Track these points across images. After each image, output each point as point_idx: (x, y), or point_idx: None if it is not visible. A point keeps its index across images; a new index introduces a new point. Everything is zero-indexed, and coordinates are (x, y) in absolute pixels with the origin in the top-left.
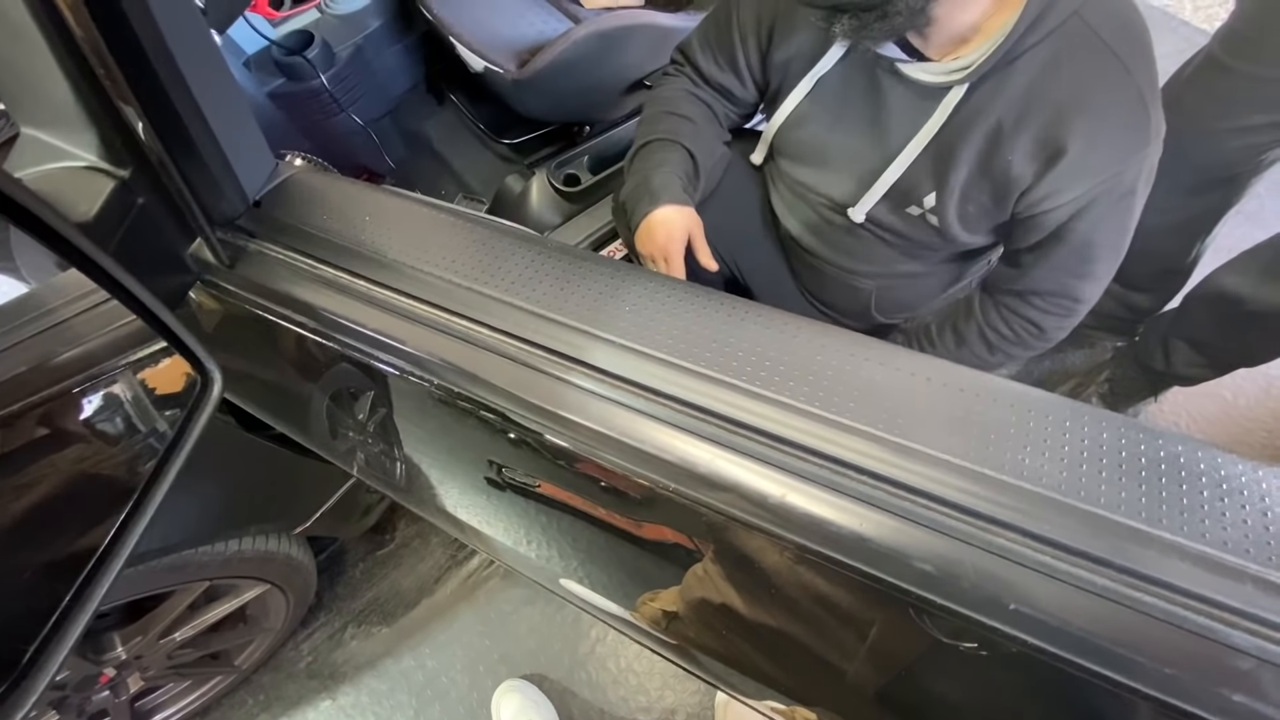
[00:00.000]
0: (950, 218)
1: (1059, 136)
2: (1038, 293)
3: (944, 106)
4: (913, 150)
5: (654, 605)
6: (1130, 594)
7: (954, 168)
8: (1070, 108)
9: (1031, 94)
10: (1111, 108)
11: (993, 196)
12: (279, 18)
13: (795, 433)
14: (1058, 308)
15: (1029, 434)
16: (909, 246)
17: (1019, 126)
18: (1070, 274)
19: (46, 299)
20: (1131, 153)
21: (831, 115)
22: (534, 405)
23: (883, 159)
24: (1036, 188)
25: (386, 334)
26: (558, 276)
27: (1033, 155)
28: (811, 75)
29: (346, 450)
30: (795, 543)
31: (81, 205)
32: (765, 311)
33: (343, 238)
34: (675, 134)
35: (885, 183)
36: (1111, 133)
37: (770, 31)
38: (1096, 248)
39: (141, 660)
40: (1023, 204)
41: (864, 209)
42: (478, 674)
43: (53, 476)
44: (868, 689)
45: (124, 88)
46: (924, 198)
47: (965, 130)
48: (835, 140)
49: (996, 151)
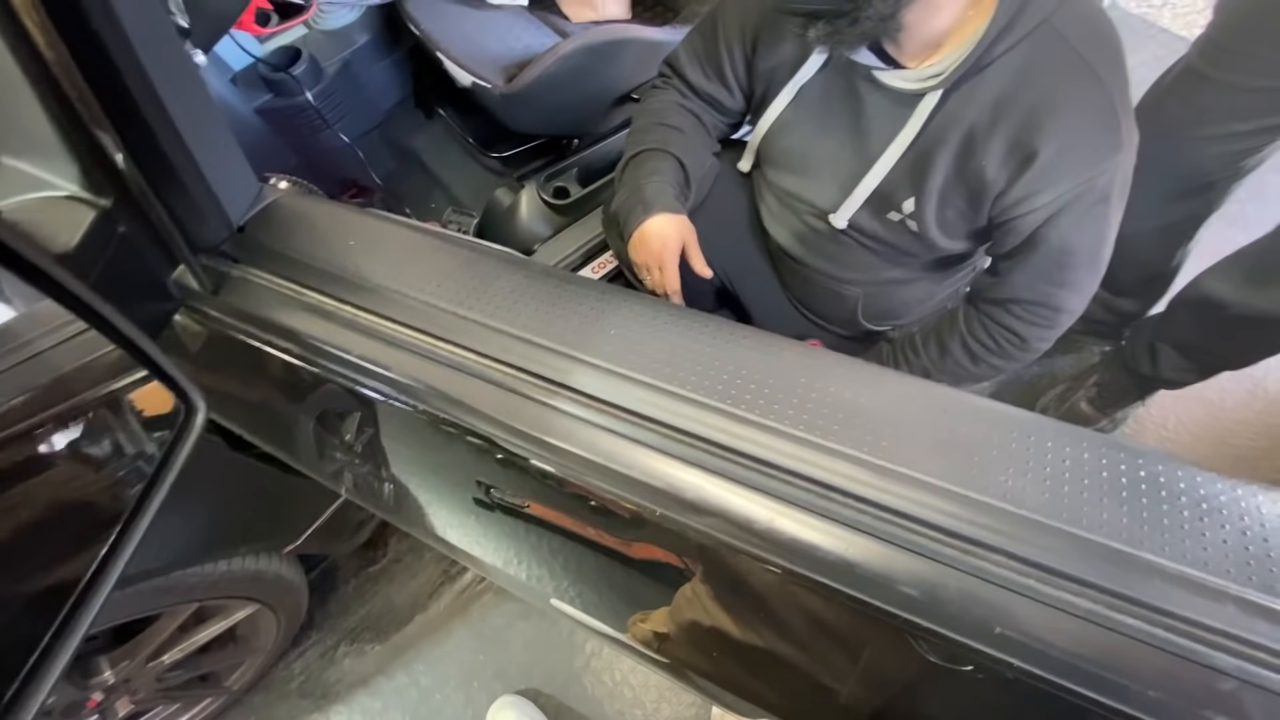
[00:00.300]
0: (929, 222)
1: (1030, 140)
2: (1017, 301)
3: (919, 112)
4: (891, 156)
5: (645, 626)
6: (1113, 616)
7: (931, 173)
8: (1041, 112)
9: (1003, 99)
10: (1082, 113)
11: (968, 201)
12: (266, 34)
13: (780, 456)
14: (1038, 317)
15: (1011, 455)
16: (891, 253)
17: (992, 131)
18: (1048, 281)
19: (26, 329)
20: (1103, 158)
21: (814, 123)
22: (519, 431)
23: (863, 165)
24: (1009, 192)
25: (371, 360)
26: (542, 300)
27: (1005, 159)
28: (794, 83)
29: (334, 472)
30: (782, 567)
31: (62, 236)
32: (750, 333)
33: (327, 263)
34: (665, 144)
35: (866, 188)
36: (1082, 137)
37: (755, 40)
38: (1073, 255)
39: (130, 684)
40: (997, 208)
41: (845, 215)
42: (473, 690)
43: (38, 504)
44: (858, 710)
45: (98, 113)
46: (903, 203)
47: (941, 136)
48: (818, 147)
49: (971, 156)
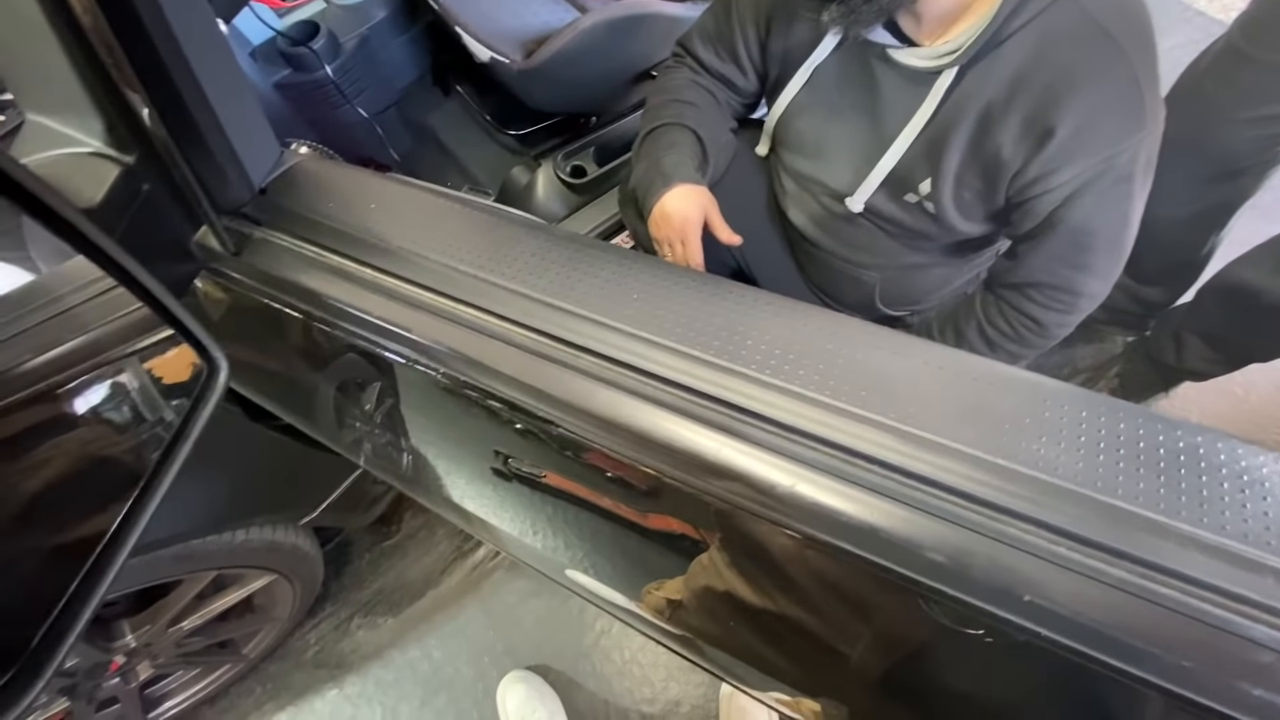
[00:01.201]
0: (946, 203)
1: (1048, 117)
2: (1035, 284)
3: (935, 91)
4: (908, 136)
5: (659, 594)
6: (1148, 586)
7: (947, 152)
8: (1059, 88)
9: (1020, 74)
10: (1103, 87)
11: (985, 180)
12: (285, 8)
13: (805, 421)
14: (1057, 302)
15: (1044, 424)
16: (909, 236)
17: (1008, 108)
18: (1066, 264)
19: (52, 286)
20: (1124, 135)
21: (828, 104)
22: (541, 393)
23: (878, 146)
24: (1026, 170)
25: (393, 322)
26: (564, 264)
27: (1021, 137)
28: (808, 65)
29: (353, 441)
30: (805, 533)
31: (87, 191)
32: (775, 300)
33: (349, 225)
34: (681, 117)
35: (882, 170)
36: (1103, 113)
37: (769, 22)
38: (1092, 236)
39: (151, 648)
40: (1014, 188)
41: (862, 198)
42: (483, 665)
43: (59, 464)
44: (875, 680)
45: (129, 73)
46: (920, 184)
47: (957, 114)
48: (833, 129)
49: (987, 134)
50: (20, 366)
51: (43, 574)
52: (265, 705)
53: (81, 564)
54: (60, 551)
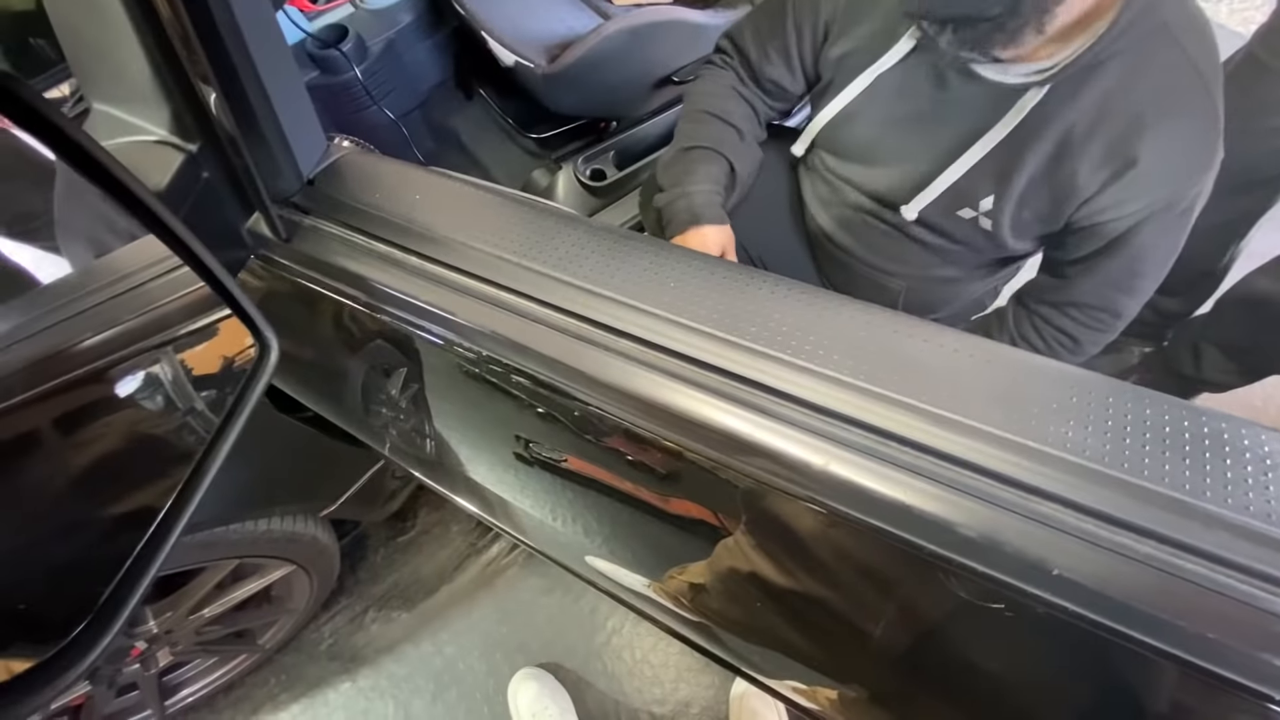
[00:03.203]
0: (1005, 222)
1: (1132, 148)
2: (1078, 305)
3: (1019, 108)
4: (979, 151)
5: (681, 579)
6: (1174, 562)
7: (1018, 171)
8: (1147, 119)
9: (1110, 100)
10: (1188, 124)
11: (1051, 203)
12: (314, 11)
13: (838, 403)
14: (1097, 321)
15: (1072, 408)
16: (950, 250)
17: (1092, 133)
18: (1116, 288)
19: (114, 268)
20: (1201, 171)
21: (885, 112)
22: (582, 375)
23: (940, 158)
24: (1099, 198)
25: (439, 306)
26: (603, 253)
27: (1101, 164)
28: (871, 71)
29: (380, 427)
30: (838, 510)
31: (154, 177)
32: (808, 289)
33: (394, 215)
34: (720, 144)
35: (945, 181)
36: (1184, 149)
37: (828, 27)
38: (1146, 263)
39: (171, 635)
40: (1081, 213)
41: (917, 207)
42: (495, 661)
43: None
44: (899, 660)
45: (204, 66)
46: (981, 200)
47: (1035, 133)
48: (888, 137)
49: (1065, 158)
50: (84, 342)
51: (107, 540)
52: (279, 696)
53: (142, 533)
54: (123, 520)
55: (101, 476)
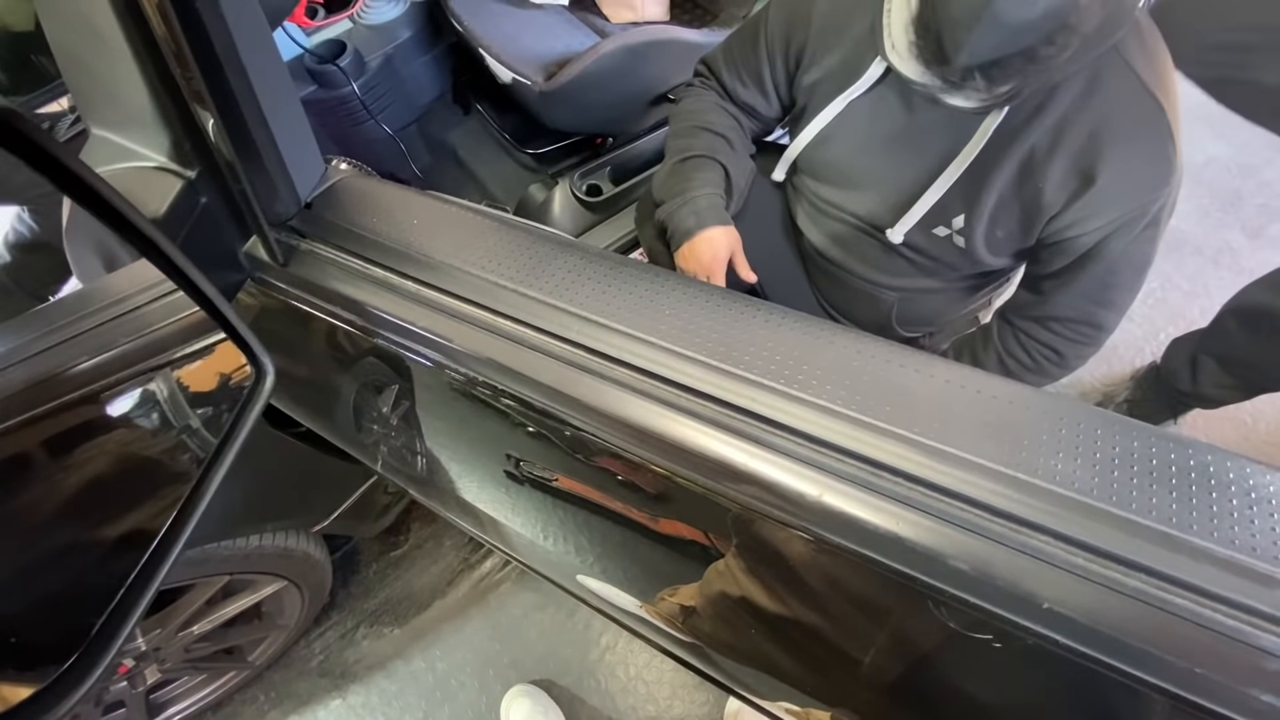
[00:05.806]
0: (977, 240)
1: (1091, 164)
2: (1058, 319)
3: (983, 130)
4: (952, 173)
5: (672, 600)
6: (1161, 596)
7: (986, 191)
8: (1103, 136)
9: (1066, 122)
10: (1143, 140)
11: (1020, 221)
12: (313, 27)
13: (832, 434)
14: (1078, 334)
15: (1061, 440)
16: (931, 265)
17: (1052, 153)
18: (1091, 301)
19: (108, 292)
20: (1159, 184)
21: (859, 137)
22: (577, 403)
23: (919, 180)
24: (1064, 214)
25: (434, 332)
26: (599, 280)
27: (1063, 183)
28: (843, 98)
29: (374, 445)
30: (830, 541)
31: (152, 203)
32: (802, 318)
33: (391, 239)
34: (714, 151)
35: (924, 205)
36: (1141, 165)
37: (800, 54)
38: (1118, 275)
39: (159, 652)
40: (1049, 229)
41: (902, 230)
42: (487, 678)
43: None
44: (889, 687)
45: (202, 90)
46: (953, 219)
47: (999, 154)
48: (863, 161)
49: (1029, 177)
50: (79, 365)
51: (101, 566)
52: (269, 713)
53: (137, 558)
54: (117, 545)
55: (96, 501)
